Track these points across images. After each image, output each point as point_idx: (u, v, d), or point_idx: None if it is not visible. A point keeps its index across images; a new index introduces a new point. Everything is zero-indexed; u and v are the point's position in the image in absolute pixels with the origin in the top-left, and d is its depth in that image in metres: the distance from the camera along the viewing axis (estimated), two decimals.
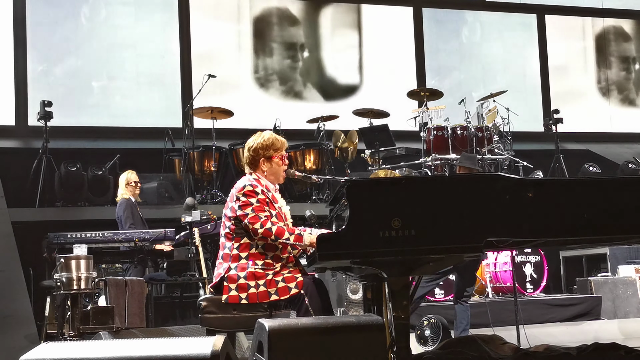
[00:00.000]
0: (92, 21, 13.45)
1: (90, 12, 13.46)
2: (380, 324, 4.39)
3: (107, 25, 13.50)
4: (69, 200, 10.91)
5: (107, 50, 13.42)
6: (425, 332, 7.89)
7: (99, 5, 13.51)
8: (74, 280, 6.83)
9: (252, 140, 5.62)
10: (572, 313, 9.58)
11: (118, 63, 13.49)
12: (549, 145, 13.33)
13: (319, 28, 14.64)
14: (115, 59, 13.45)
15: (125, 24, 13.56)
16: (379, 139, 11.30)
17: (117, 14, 13.57)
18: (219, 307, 5.35)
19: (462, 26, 15.61)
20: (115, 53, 13.45)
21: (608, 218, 4.98)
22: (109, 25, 13.49)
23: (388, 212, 4.59)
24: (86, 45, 13.34)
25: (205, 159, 11.40)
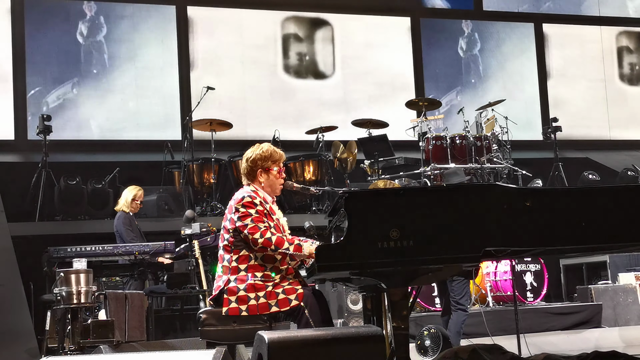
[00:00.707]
0: (91, 34, 13.51)
1: (90, 25, 13.51)
2: (379, 334, 4.40)
3: (107, 39, 13.55)
4: (69, 214, 10.92)
5: (106, 63, 13.47)
6: (425, 342, 7.87)
7: (97, 18, 13.55)
8: (73, 294, 6.84)
9: (250, 151, 5.64)
10: (572, 321, 9.56)
11: (117, 76, 13.51)
12: (548, 153, 13.34)
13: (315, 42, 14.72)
14: (114, 72, 13.48)
15: (125, 38, 13.63)
16: (378, 149, 11.31)
17: (116, 27, 13.62)
18: (219, 319, 5.35)
19: (460, 36, 15.66)
20: (115, 66, 13.49)
21: (607, 226, 5.00)
22: (108, 39, 13.53)
23: (386, 222, 4.61)
24: (85, 58, 13.40)
25: (204, 171, 11.40)
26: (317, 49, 14.72)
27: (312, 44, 14.71)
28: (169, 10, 14.00)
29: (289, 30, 14.59)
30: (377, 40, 14.96)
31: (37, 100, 12.91)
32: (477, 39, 15.69)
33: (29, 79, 13.02)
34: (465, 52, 15.59)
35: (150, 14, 13.88)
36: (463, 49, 15.58)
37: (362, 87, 14.68)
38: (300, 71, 14.59)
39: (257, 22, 14.36)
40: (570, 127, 14.30)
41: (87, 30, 13.52)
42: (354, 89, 14.67)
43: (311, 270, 5.24)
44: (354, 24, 14.94)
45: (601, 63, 16.27)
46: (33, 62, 13.07)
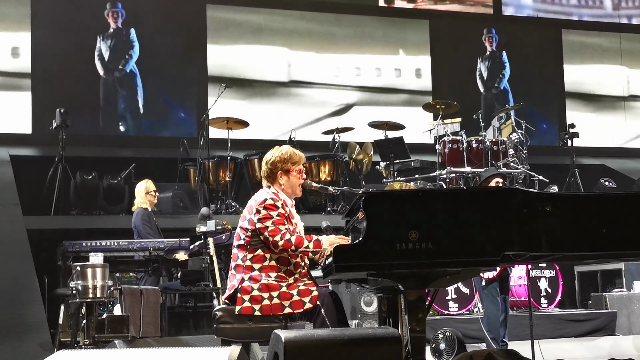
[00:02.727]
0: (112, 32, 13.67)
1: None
2: (396, 336, 4.38)
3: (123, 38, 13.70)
4: (84, 209, 10.94)
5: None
6: (440, 345, 7.85)
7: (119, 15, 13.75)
8: (89, 289, 6.85)
9: (270, 153, 5.63)
10: (586, 328, 9.52)
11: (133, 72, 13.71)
12: (564, 159, 13.28)
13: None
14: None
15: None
16: (394, 151, 11.28)
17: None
18: (234, 317, 5.35)
19: (479, 40, 15.69)
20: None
21: (627, 234, 4.96)
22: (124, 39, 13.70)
23: (405, 224, 4.59)
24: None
25: (220, 169, 11.40)
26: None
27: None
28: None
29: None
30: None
31: (55, 94, 12.92)
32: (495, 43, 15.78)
33: (47, 72, 13.10)
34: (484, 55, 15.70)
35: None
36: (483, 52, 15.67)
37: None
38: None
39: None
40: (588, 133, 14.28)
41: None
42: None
43: (328, 270, 5.23)
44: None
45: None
46: (53, 55, 13.14)
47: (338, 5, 14.89)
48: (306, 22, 14.66)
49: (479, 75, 15.91)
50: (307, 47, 14.62)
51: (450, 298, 9.26)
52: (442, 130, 11.18)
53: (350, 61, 14.84)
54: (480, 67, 15.96)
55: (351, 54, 14.84)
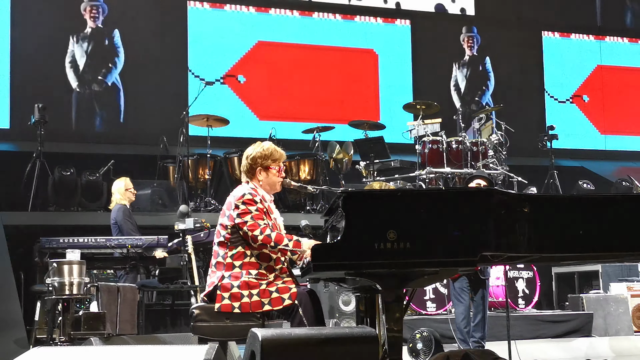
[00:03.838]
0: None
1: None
2: (373, 336, 4.37)
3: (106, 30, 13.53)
4: (62, 205, 10.88)
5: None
6: (417, 345, 7.86)
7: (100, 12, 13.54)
8: (66, 286, 6.80)
9: (251, 149, 5.64)
10: (563, 329, 9.56)
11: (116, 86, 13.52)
12: (543, 161, 13.34)
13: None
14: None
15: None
16: (374, 150, 11.28)
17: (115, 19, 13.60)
18: (212, 315, 5.33)
19: (461, 42, 15.68)
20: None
21: (604, 235, 4.98)
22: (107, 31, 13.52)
23: (384, 224, 4.57)
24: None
25: (199, 166, 11.35)
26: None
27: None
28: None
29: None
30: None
31: (33, 89, 12.79)
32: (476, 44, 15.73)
33: (25, 68, 12.96)
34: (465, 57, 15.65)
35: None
36: (464, 54, 15.62)
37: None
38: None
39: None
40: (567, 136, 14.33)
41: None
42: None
43: (306, 269, 5.22)
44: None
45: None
46: (31, 50, 13.00)
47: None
48: (285, 28, 14.59)
49: (454, 86, 15.66)
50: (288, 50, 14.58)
51: (428, 298, 9.28)
52: (422, 131, 11.19)
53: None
54: (456, 75, 15.76)
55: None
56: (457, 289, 7.62)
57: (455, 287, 7.63)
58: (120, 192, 9.47)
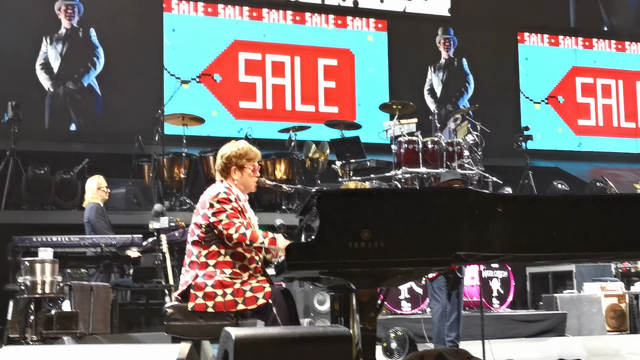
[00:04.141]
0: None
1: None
2: (347, 335, 4.36)
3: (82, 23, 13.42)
4: (36, 204, 10.80)
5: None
6: (391, 344, 7.87)
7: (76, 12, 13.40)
8: (38, 284, 6.76)
9: (226, 148, 5.62)
10: (537, 329, 9.61)
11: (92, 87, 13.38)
12: (518, 161, 13.40)
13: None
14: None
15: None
16: (350, 150, 11.27)
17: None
18: (185, 314, 5.31)
19: (437, 43, 15.70)
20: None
21: (577, 236, 5.01)
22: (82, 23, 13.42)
23: (358, 223, 4.58)
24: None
25: (175, 165, 11.31)
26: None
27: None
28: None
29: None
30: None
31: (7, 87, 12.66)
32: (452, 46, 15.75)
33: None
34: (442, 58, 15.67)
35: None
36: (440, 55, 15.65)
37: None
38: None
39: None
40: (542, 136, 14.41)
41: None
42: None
43: (280, 268, 5.21)
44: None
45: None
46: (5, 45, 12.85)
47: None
48: (262, 27, 14.55)
49: (428, 91, 15.53)
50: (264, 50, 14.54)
51: (403, 297, 9.30)
52: (398, 131, 11.19)
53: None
54: (432, 79, 15.66)
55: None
56: (435, 288, 7.63)
57: (433, 286, 7.64)
58: (93, 190, 9.41)
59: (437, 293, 7.61)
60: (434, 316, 7.67)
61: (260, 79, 14.26)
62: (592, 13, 16.91)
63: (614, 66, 16.78)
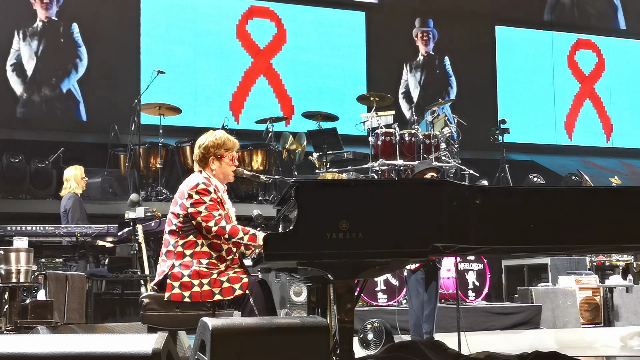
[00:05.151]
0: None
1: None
2: (324, 326, 4.36)
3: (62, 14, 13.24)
4: (10, 193, 10.74)
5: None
6: (368, 336, 7.88)
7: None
8: (12, 273, 6.68)
9: (203, 138, 5.59)
10: (512, 321, 9.66)
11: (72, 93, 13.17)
12: (495, 154, 13.45)
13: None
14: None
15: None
16: (327, 142, 11.28)
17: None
18: (161, 304, 5.29)
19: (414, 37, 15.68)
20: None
21: (553, 228, 5.02)
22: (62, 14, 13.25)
23: (336, 214, 4.56)
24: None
25: (151, 155, 11.27)
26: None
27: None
28: None
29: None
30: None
31: None
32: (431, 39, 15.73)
33: None
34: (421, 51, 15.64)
35: None
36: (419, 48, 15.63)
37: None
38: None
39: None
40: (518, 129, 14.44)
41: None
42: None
43: (257, 259, 5.20)
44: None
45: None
46: None
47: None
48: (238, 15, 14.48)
49: (403, 94, 15.39)
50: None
51: (380, 289, 9.30)
52: (375, 123, 11.20)
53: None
54: (407, 79, 15.60)
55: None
56: (414, 282, 7.63)
57: (412, 280, 7.64)
58: (77, 179, 9.39)
59: (416, 287, 7.62)
60: (414, 310, 7.67)
61: (236, 69, 14.22)
62: (568, 6, 16.99)
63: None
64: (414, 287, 7.65)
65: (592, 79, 16.87)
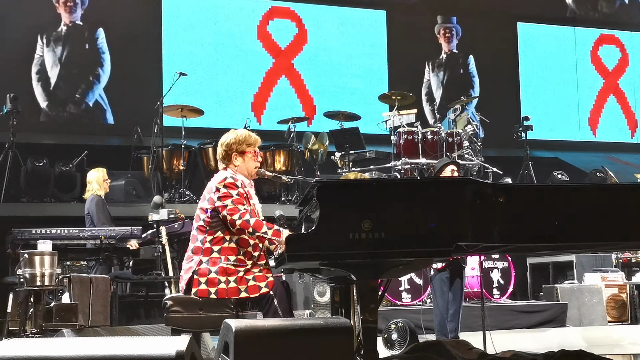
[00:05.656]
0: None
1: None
2: (348, 327, 4.34)
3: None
4: (35, 196, 10.78)
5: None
6: (392, 335, 7.85)
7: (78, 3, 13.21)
8: (37, 277, 6.72)
9: (225, 136, 5.68)
10: (537, 320, 9.60)
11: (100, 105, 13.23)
12: (518, 152, 13.37)
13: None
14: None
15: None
16: (349, 141, 11.27)
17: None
18: (185, 306, 5.31)
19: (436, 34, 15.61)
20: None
21: (577, 225, 4.97)
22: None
23: (358, 213, 4.55)
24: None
25: (174, 157, 11.29)
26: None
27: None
28: None
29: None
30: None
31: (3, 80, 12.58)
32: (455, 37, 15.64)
33: None
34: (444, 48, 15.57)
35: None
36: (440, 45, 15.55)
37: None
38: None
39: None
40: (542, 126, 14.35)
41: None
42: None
43: (280, 260, 5.19)
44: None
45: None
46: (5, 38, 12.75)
47: None
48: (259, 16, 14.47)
49: (425, 95, 15.27)
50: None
51: (404, 289, 9.27)
52: (397, 122, 11.17)
53: None
54: (429, 79, 15.48)
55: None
56: (439, 281, 7.58)
57: (437, 279, 7.59)
58: (99, 182, 9.42)
59: (442, 287, 7.57)
60: (440, 310, 7.62)
61: (258, 70, 14.20)
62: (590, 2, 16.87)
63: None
64: (439, 286, 7.60)
65: (615, 74, 16.71)
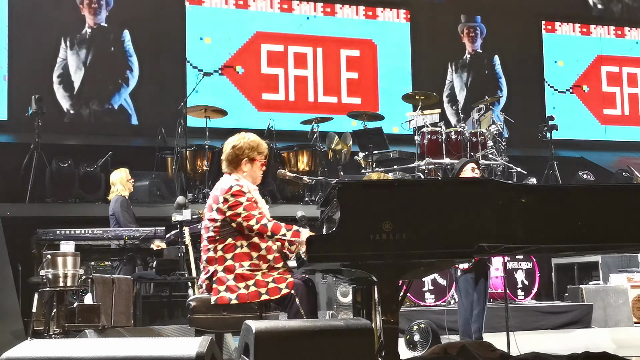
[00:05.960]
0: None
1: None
2: (368, 328, 4.33)
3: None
4: (60, 197, 10.84)
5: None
6: (414, 337, 7.83)
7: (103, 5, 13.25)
8: (60, 277, 6.76)
9: (236, 138, 5.62)
10: (562, 321, 9.53)
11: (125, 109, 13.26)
12: (543, 151, 13.29)
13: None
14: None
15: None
16: (372, 141, 11.24)
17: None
18: (209, 307, 5.31)
19: (460, 34, 15.54)
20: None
21: (602, 226, 4.94)
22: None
23: (379, 214, 4.54)
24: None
25: (197, 158, 11.31)
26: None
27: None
28: None
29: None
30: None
31: (31, 80, 12.65)
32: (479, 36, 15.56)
33: (24, 58, 12.80)
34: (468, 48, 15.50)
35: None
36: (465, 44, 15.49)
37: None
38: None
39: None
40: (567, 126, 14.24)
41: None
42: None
43: (301, 262, 5.18)
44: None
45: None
46: (29, 41, 12.83)
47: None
48: (284, 18, 14.46)
49: (447, 97, 15.15)
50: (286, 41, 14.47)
51: (427, 289, 9.24)
52: (421, 121, 11.14)
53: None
54: (452, 80, 15.37)
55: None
56: (464, 282, 7.54)
57: (462, 279, 7.55)
58: (123, 182, 9.47)
59: (466, 288, 7.53)
60: (461, 308, 7.59)
61: (283, 71, 14.20)
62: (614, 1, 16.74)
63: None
64: (465, 287, 7.56)
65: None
